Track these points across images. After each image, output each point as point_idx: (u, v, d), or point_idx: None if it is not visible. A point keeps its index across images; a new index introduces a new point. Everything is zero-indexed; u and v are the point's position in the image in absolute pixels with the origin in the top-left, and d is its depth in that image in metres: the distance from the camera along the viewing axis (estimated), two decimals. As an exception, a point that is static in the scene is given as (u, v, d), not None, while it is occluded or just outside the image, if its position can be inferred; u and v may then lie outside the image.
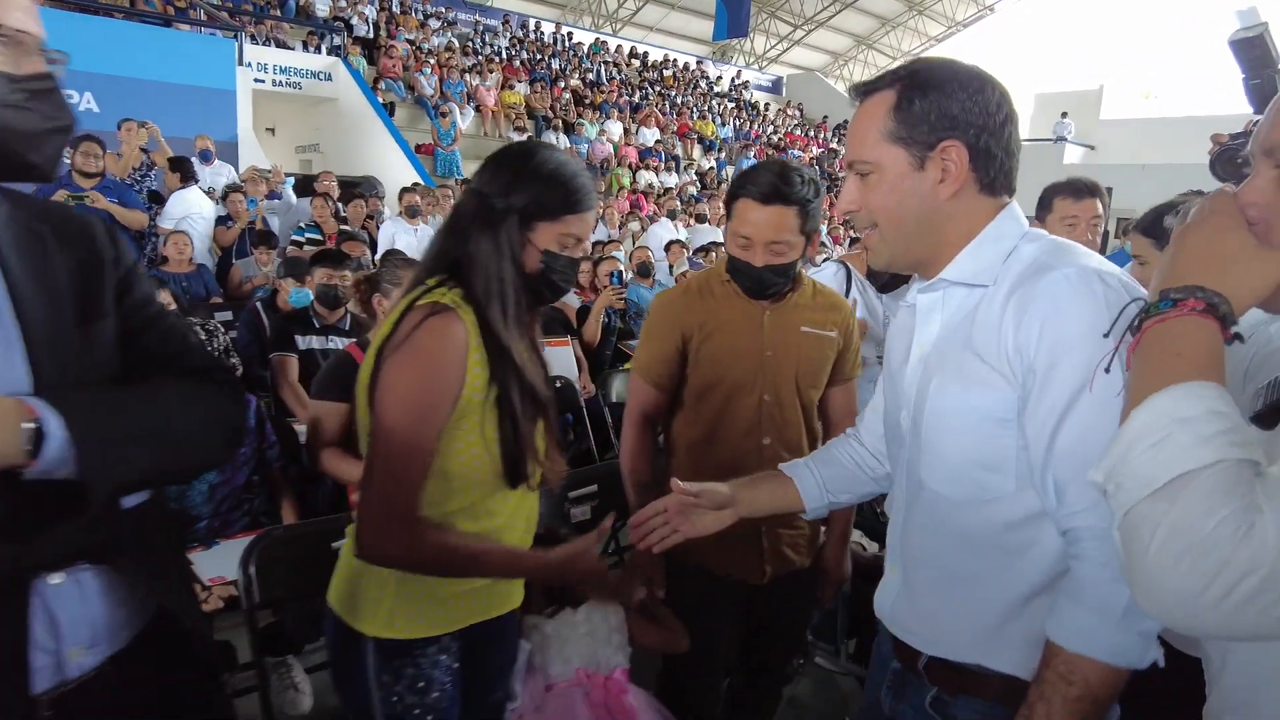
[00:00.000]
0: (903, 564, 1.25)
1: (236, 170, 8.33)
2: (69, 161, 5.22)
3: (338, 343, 3.44)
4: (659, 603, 1.89)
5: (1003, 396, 1.05)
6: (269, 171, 7.87)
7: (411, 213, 6.71)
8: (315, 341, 3.43)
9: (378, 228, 7.06)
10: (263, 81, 11.80)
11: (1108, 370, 0.91)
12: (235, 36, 10.69)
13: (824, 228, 11.38)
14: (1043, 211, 2.74)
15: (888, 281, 2.81)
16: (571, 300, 5.08)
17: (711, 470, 1.99)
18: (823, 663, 2.86)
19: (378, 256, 5.36)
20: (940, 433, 1.14)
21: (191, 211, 5.93)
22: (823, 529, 2.09)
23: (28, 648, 0.92)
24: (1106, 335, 0.93)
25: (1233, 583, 0.64)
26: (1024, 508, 1.08)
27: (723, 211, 2.20)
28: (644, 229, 9.88)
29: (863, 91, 1.16)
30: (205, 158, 7.68)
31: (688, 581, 1.95)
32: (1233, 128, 18.98)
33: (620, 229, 9.67)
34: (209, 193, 6.63)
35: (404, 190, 7.43)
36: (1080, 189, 2.68)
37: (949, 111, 1.07)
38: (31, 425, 0.85)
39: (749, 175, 1.85)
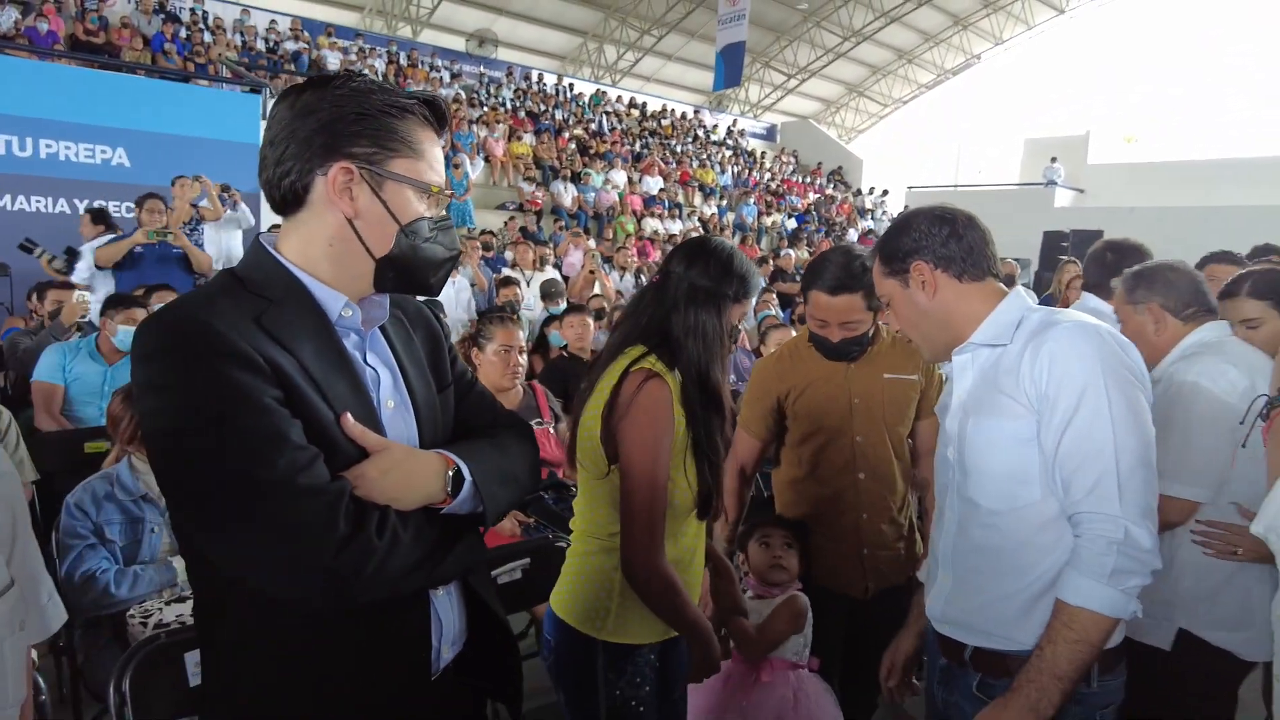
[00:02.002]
0: (954, 570, 1.57)
1: (257, 218, 8.50)
2: (136, 217, 5.59)
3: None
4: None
5: (1025, 422, 1.41)
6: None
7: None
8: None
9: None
10: (284, 135, 12.13)
11: (1244, 445, 1.19)
12: (259, 93, 11.04)
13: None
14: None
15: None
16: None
17: (813, 503, 2.29)
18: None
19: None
20: (980, 457, 1.48)
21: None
22: (918, 548, 2.36)
23: (430, 643, 1.17)
24: (1242, 423, 1.25)
25: None
26: (1050, 512, 1.42)
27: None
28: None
29: (871, 258, 1.67)
30: (222, 203, 7.85)
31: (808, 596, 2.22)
32: (1212, 172, 19.62)
33: (638, 278, 9.96)
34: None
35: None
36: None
37: (904, 245, 1.55)
38: (451, 472, 1.10)
39: (817, 269, 2.16)
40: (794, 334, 4.76)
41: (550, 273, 8.18)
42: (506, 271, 7.92)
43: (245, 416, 0.95)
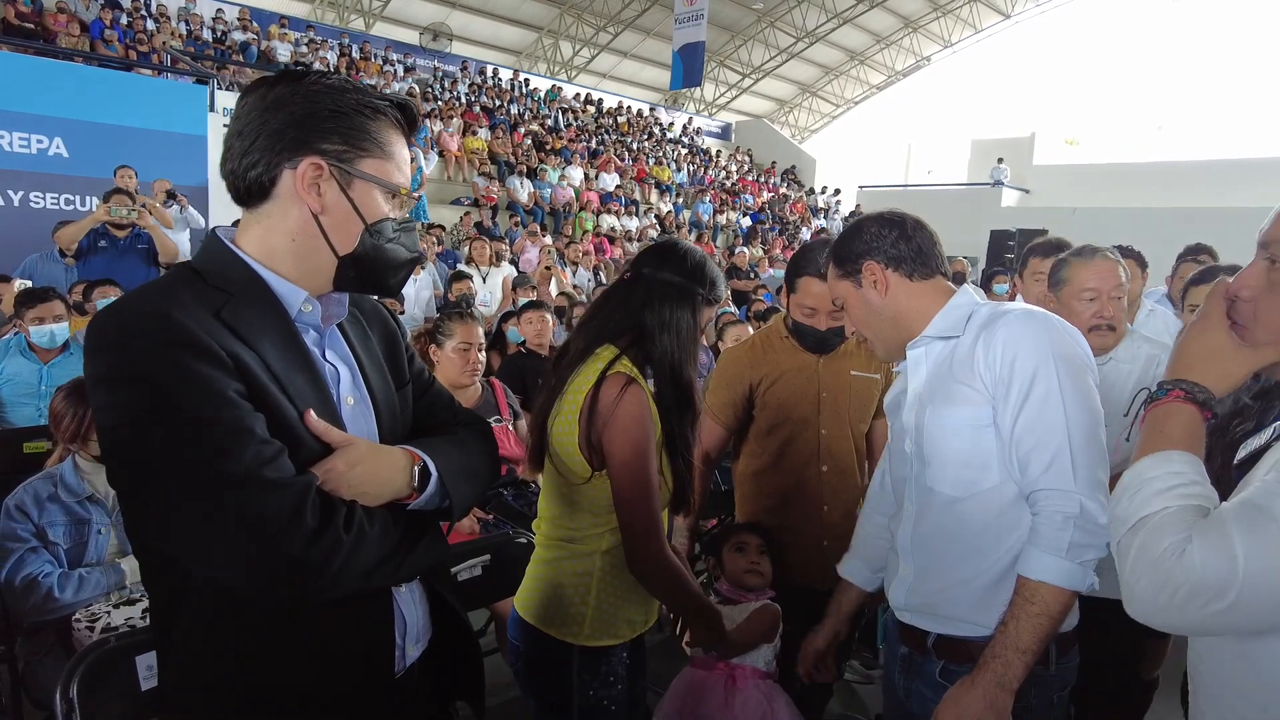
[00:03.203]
0: (915, 559, 1.59)
1: (205, 216, 8.28)
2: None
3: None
4: None
5: (981, 408, 1.46)
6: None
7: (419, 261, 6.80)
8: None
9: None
10: (232, 127, 11.81)
11: (1128, 439, 1.25)
12: (206, 84, 10.74)
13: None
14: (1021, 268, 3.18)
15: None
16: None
17: (774, 495, 2.32)
18: (850, 676, 3.13)
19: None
20: (938, 445, 1.52)
21: None
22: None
23: (394, 641, 1.15)
24: (1126, 415, 1.30)
25: (1173, 591, 0.90)
26: (1008, 496, 1.46)
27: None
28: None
29: (825, 264, 1.71)
30: (175, 199, 7.65)
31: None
32: (1150, 175, 20.26)
33: (595, 275, 9.95)
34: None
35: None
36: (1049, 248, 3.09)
37: (855, 248, 1.60)
38: (418, 467, 1.09)
39: (807, 255, 2.21)
40: (750, 330, 4.81)
41: (507, 269, 8.13)
42: (460, 267, 7.83)
43: (209, 409, 0.93)
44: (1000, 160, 20.22)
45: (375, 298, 1.33)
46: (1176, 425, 1.03)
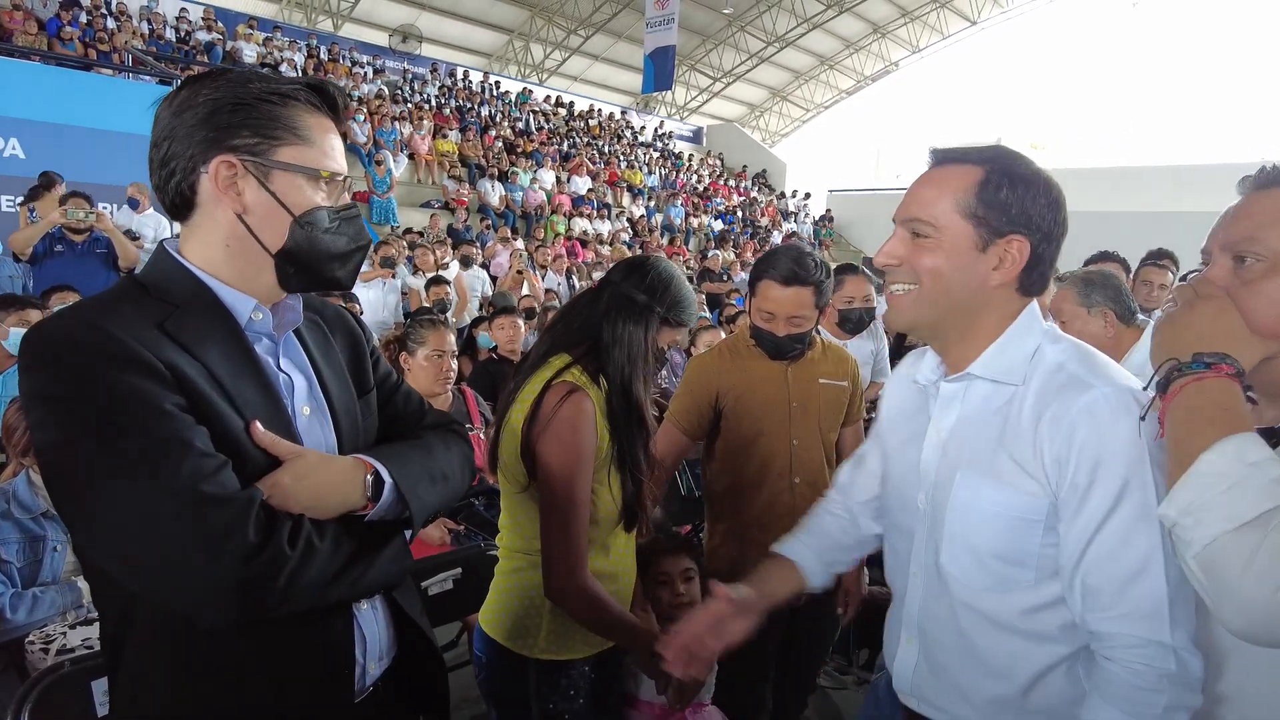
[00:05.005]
0: (921, 638, 1.31)
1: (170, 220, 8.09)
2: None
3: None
4: None
5: (1034, 501, 1.13)
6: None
7: (388, 264, 6.72)
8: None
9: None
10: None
11: (1143, 419, 1.05)
12: (170, 84, 10.53)
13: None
14: None
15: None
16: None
17: (748, 510, 2.28)
18: (823, 682, 3.13)
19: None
20: (967, 525, 1.20)
21: None
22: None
23: (354, 660, 1.12)
24: (1145, 388, 1.09)
25: None
26: (1041, 597, 1.16)
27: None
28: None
29: (945, 157, 1.19)
30: (134, 205, 7.48)
31: None
32: (1118, 180, 20.71)
33: (569, 278, 9.90)
34: (136, 240, 6.31)
35: (379, 242, 7.42)
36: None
37: (1027, 210, 1.13)
38: (371, 477, 1.05)
39: (770, 259, 2.16)
40: (723, 335, 4.79)
41: (461, 269, 8.04)
42: (403, 270, 7.69)
43: (143, 423, 0.90)
44: (968, 164, 20.46)
45: (341, 304, 1.30)
46: (1237, 403, 0.88)
